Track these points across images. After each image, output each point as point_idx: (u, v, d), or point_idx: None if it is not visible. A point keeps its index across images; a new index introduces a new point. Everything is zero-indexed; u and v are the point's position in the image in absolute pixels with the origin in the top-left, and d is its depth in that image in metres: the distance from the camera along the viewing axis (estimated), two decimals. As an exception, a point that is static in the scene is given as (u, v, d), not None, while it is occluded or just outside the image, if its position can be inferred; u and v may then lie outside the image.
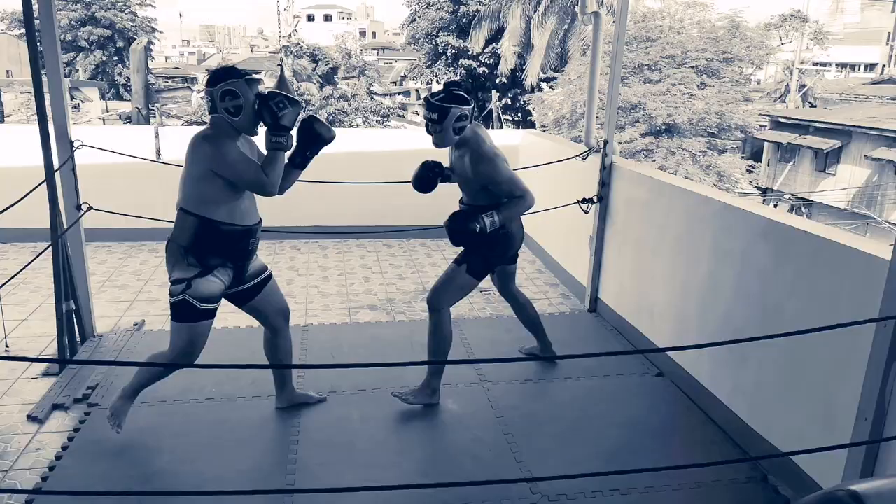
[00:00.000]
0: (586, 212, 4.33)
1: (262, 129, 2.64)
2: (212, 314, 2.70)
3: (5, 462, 2.76)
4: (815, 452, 2.40)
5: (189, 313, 2.63)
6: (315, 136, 2.70)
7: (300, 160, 2.76)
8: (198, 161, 2.54)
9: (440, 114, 2.90)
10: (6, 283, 2.90)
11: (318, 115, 2.78)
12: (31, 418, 3.07)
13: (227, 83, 2.54)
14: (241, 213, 2.64)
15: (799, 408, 2.65)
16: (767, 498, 2.66)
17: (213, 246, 2.61)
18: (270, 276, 2.96)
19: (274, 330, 3.01)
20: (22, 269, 3.16)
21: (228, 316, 4.38)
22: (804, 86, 24.96)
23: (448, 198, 3.43)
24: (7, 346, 3.78)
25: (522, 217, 3.17)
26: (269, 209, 6.71)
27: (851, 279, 2.39)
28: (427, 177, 3.18)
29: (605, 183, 4.24)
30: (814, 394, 2.57)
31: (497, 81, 21.92)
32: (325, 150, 2.85)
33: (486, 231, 2.96)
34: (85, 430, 2.97)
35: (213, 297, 2.66)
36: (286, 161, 2.67)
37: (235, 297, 2.86)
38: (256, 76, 2.65)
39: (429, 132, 2.98)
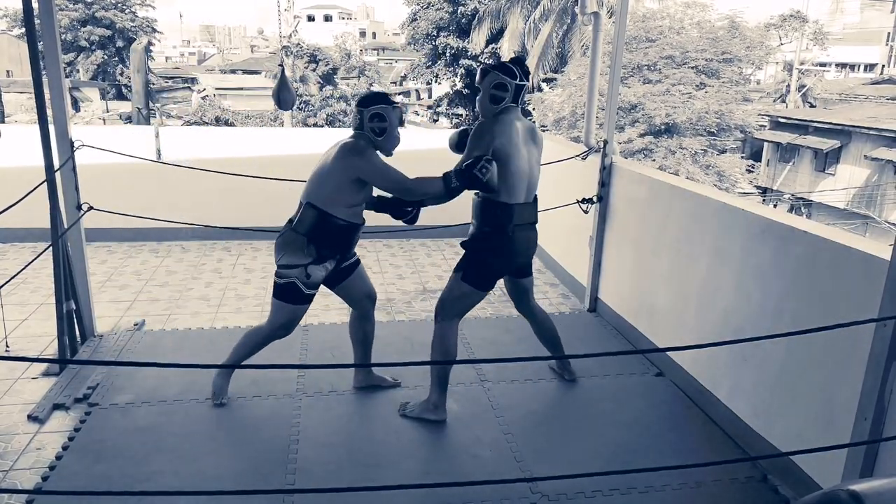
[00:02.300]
0: (586, 212, 4.33)
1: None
2: (311, 300, 3.01)
3: (6, 462, 2.77)
4: (814, 452, 2.40)
5: (295, 295, 2.94)
6: (479, 184, 2.82)
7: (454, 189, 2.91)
8: (346, 169, 2.80)
9: (481, 75, 2.93)
10: (6, 283, 2.91)
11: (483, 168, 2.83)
12: (32, 418, 3.08)
13: (378, 107, 2.85)
14: (356, 212, 2.95)
15: (799, 408, 2.66)
16: (767, 497, 2.66)
17: (330, 238, 2.91)
18: (359, 261, 3.20)
19: (361, 312, 3.27)
20: (22, 269, 3.16)
21: (229, 316, 4.40)
22: (804, 86, 24.96)
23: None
24: (7, 346, 3.78)
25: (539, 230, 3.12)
26: (269, 209, 6.71)
27: (851, 279, 2.39)
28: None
29: (604, 183, 4.25)
30: (813, 394, 2.57)
31: (497, 82, 21.90)
32: (326, 149, 2.92)
33: (473, 170, 2.75)
34: (85, 430, 2.97)
35: (317, 284, 2.99)
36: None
37: (328, 280, 3.11)
38: (398, 105, 2.94)
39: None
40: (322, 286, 3.13)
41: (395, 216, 3.07)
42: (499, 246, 2.96)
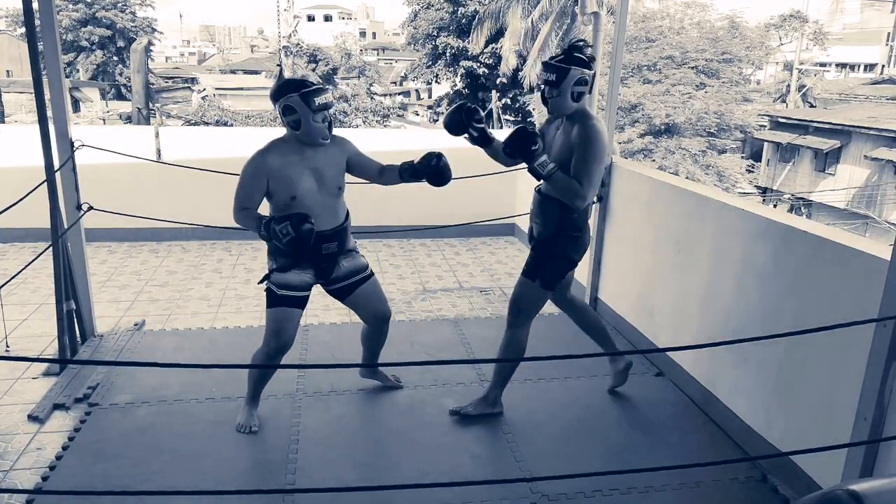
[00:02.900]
0: (586, 212, 4.33)
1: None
2: (294, 302, 2.83)
3: (6, 462, 2.77)
4: (814, 452, 2.40)
5: (272, 299, 2.84)
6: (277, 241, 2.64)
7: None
8: None
9: (558, 75, 2.69)
10: (6, 283, 2.91)
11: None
12: (32, 418, 3.08)
13: (284, 98, 2.65)
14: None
15: (798, 407, 2.66)
16: (767, 497, 2.66)
17: (275, 244, 2.69)
18: (368, 277, 3.03)
19: (371, 329, 3.15)
20: (22, 269, 3.16)
21: (229, 316, 4.40)
22: (804, 86, 24.97)
23: (449, 197, 3.43)
24: (7, 346, 3.79)
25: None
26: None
27: (851, 279, 2.39)
28: (457, 121, 2.85)
29: (604, 183, 4.25)
30: (813, 393, 2.57)
31: (497, 81, 21.94)
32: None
33: (535, 160, 2.66)
34: (85, 430, 2.97)
35: (289, 286, 2.81)
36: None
37: (333, 293, 3.01)
38: (313, 87, 2.66)
39: (545, 98, 2.80)
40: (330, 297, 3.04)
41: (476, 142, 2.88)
42: (581, 246, 2.95)
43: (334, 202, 2.84)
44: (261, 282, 2.89)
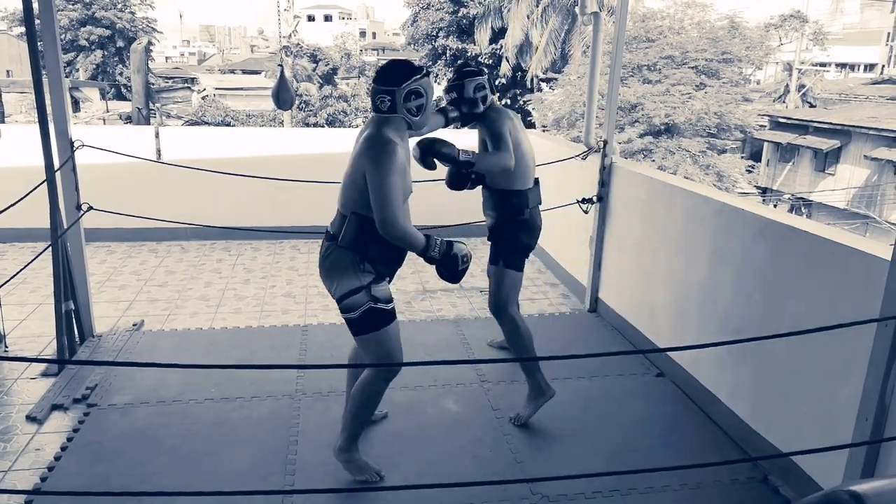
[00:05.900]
0: (586, 212, 4.33)
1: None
2: (395, 313, 2.54)
3: (4, 462, 2.76)
4: (815, 452, 2.40)
5: (382, 318, 2.46)
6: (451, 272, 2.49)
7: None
8: (366, 160, 2.32)
9: (458, 90, 3.00)
10: (6, 283, 2.90)
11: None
12: (31, 418, 3.07)
13: (415, 81, 2.38)
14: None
15: (799, 408, 2.65)
16: (768, 498, 2.65)
17: (385, 251, 2.42)
18: None
19: None
20: (22, 269, 3.16)
21: (228, 316, 4.39)
22: (804, 86, 24.96)
23: (447, 198, 3.43)
24: (6, 346, 3.78)
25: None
26: (268, 208, 6.68)
27: (851, 279, 2.39)
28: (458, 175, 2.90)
29: (604, 183, 4.24)
30: (814, 394, 2.57)
31: (497, 82, 21.95)
32: (325, 149, 2.86)
33: (458, 159, 2.75)
34: (84, 431, 2.96)
35: (390, 297, 2.50)
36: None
37: None
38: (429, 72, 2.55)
39: (459, 117, 3.05)
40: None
41: (453, 181, 2.93)
42: (525, 227, 3.14)
43: None
44: (365, 303, 2.42)
